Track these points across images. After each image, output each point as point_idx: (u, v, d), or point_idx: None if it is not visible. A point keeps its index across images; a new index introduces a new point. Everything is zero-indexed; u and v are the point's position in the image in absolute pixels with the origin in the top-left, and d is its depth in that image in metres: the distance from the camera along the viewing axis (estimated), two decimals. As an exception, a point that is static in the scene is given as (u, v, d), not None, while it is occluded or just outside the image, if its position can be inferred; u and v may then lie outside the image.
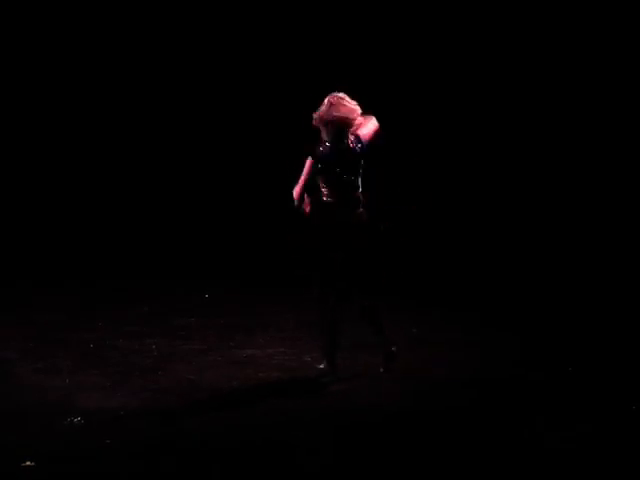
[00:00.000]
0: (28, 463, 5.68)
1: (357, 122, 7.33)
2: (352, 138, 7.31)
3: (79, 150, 12.45)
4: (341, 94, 7.28)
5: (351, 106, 7.26)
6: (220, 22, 12.05)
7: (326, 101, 7.26)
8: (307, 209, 7.35)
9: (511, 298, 10.00)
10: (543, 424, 6.38)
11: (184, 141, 12.37)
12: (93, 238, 12.18)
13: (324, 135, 7.31)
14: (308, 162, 7.31)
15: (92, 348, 8.28)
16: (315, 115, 7.29)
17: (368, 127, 7.39)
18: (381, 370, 7.46)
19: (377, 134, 7.43)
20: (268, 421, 6.49)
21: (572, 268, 10.63)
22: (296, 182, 7.31)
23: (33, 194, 12.41)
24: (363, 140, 7.35)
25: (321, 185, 7.36)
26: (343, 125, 7.26)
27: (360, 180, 7.40)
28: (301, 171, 7.31)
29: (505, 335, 8.72)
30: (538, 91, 11.24)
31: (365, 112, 7.35)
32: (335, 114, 7.22)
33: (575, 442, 6.04)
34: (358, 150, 7.33)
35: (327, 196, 7.34)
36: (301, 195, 7.31)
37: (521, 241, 11.12)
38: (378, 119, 7.44)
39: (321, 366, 7.52)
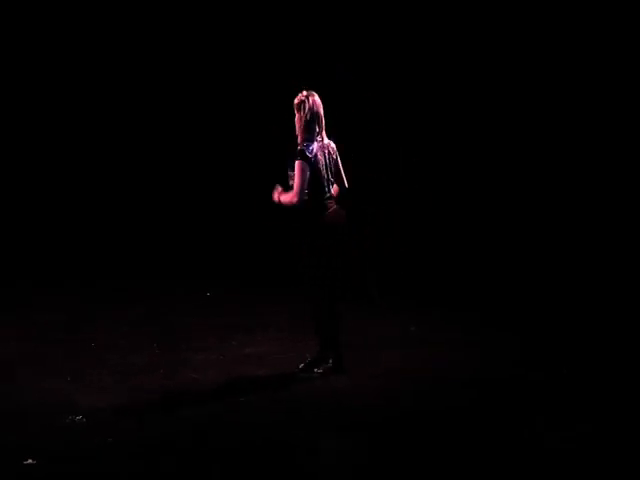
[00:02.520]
0: (30, 461, 5.69)
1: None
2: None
3: (79, 150, 12.44)
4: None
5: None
6: (218, 22, 12.04)
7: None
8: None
9: (511, 298, 9.99)
10: (543, 424, 6.38)
11: (184, 141, 12.36)
12: (93, 238, 12.18)
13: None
14: None
15: (92, 348, 8.28)
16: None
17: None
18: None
19: None
20: (268, 421, 6.49)
21: (571, 268, 10.62)
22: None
23: (33, 194, 12.41)
24: None
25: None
26: None
27: None
28: None
29: (505, 335, 8.72)
30: (537, 90, 11.23)
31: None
32: None
33: (575, 442, 6.04)
34: None
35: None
36: None
37: (521, 241, 11.11)
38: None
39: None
